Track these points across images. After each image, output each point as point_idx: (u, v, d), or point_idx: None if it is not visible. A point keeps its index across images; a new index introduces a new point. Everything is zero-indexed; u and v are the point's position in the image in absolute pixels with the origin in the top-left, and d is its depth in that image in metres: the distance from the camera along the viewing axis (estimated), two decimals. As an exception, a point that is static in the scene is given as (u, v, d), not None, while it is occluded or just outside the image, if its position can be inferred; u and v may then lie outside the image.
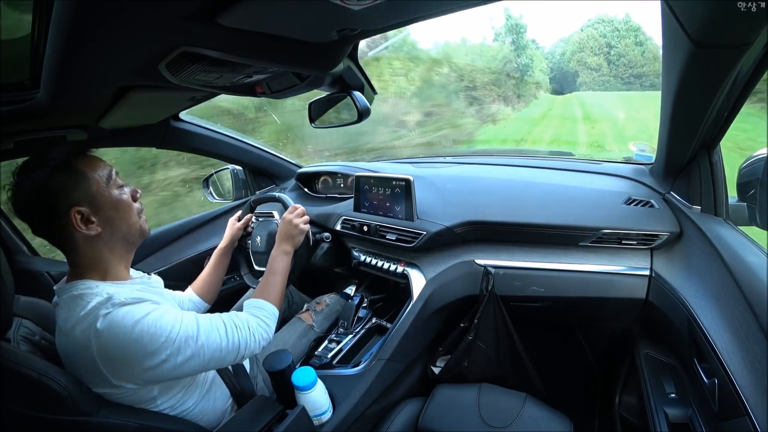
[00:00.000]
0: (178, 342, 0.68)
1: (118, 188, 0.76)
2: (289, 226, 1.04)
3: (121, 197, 0.76)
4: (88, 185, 0.71)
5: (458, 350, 1.12)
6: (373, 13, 0.58)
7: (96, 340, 0.63)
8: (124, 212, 0.76)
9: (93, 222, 0.71)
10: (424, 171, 1.42)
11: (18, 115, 0.82)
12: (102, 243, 0.73)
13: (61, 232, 0.70)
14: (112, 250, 0.75)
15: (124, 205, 0.76)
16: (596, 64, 17.71)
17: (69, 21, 0.49)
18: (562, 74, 18.10)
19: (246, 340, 0.78)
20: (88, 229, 0.70)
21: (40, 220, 0.70)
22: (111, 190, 0.74)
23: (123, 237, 0.76)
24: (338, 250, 1.45)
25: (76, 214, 0.69)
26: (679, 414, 0.80)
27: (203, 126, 1.51)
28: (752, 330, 0.61)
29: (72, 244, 0.71)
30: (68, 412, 0.61)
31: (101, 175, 0.73)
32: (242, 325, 0.79)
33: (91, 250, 0.72)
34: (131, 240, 0.79)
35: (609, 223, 0.99)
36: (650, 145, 1.25)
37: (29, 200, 0.68)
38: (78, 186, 0.70)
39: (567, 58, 18.63)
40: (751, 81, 0.66)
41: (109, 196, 0.74)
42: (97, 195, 0.72)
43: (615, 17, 18.68)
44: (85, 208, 0.70)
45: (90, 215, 0.70)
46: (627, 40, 18.21)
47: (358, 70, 0.96)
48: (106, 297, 0.66)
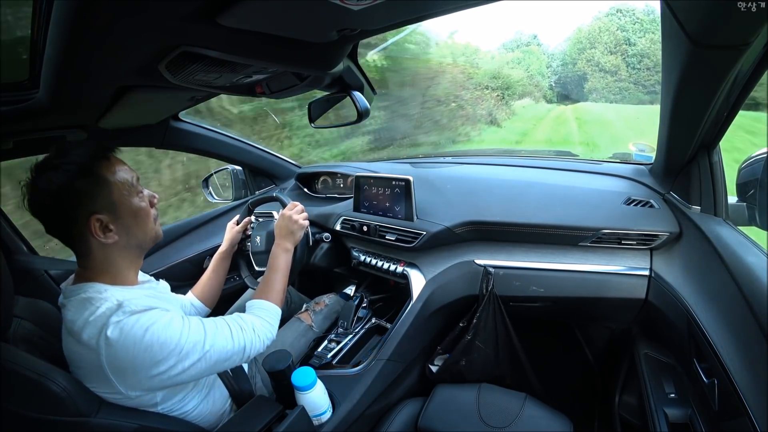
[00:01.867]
0: (186, 348, 0.68)
1: (138, 195, 0.75)
2: (288, 222, 1.04)
3: (140, 205, 0.74)
4: (109, 192, 0.69)
5: (457, 349, 1.13)
6: (373, 13, 0.58)
7: (106, 348, 0.63)
8: (142, 220, 0.75)
9: (111, 230, 0.69)
10: (423, 171, 1.42)
11: (18, 115, 0.82)
12: (117, 249, 0.72)
13: (78, 237, 0.69)
14: (125, 256, 0.74)
15: (143, 213, 0.75)
16: (612, 66, 13.40)
17: (69, 21, 0.49)
18: (564, 79, 14.42)
19: (251, 341, 0.78)
20: (106, 237, 0.69)
21: (57, 223, 0.68)
22: (132, 198, 0.73)
23: (138, 244, 0.76)
24: (338, 250, 1.45)
25: (96, 222, 0.67)
26: (679, 414, 0.80)
27: (203, 126, 1.51)
28: (752, 330, 0.61)
29: (86, 248, 0.70)
30: (67, 413, 0.61)
31: (123, 182, 0.72)
32: (247, 326, 0.79)
33: (105, 256, 0.71)
34: (144, 246, 0.78)
35: (609, 223, 0.99)
36: (650, 145, 1.25)
37: (47, 202, 0.66)
38: (100, 193, 0.68)
39: (572, 56, 14.53)
40: (750, 81, 0.66)
41: (130, 205, 0.72)
42: (118, 203, 0.70)
43: (635, 7, 14.23)
44: (105, 216, 0.68)
45: (109, 223, 0.69)
46: (652, 35, 13.48)
47: (358, 70, 0.96)
48: (117, 304, 0.65)
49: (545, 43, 16.35)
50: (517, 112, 10.53)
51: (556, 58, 15.57)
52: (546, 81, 14.48)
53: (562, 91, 14.46)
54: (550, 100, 13.35)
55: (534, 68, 14.38)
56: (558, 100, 13.55)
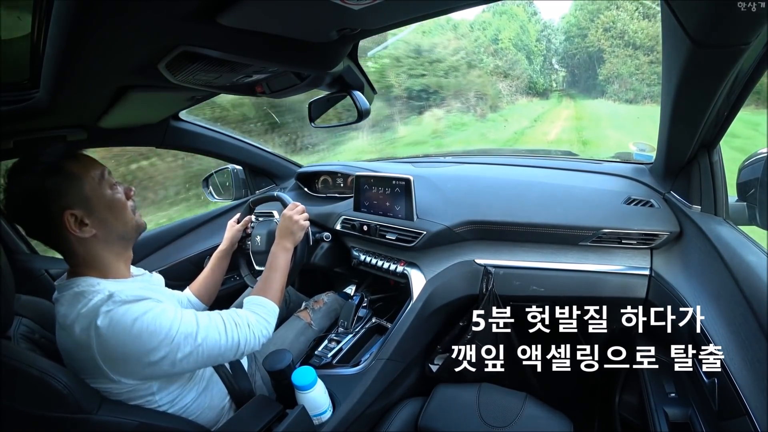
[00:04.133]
0: (177, 339, 0.68)
1: (111, 188, 0.75)
2: (289, 222, 1.04)
3: (114, 196, 0.75)
4: (80, 187, 0.70)
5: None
6: (373, 13, 0.58)
7: (97, 337, 0.63)
8: (118, 212, 0.75)
9: (87, 224, 0.70)
10: (424, 170, 1.42)
11: (18, 115, 0.82)
12: (98, 243, 0.73)
13: (56, 235, 0.70)
14: (109, 249, 0.75)
15: (118, 204, 0.76)
16: (647, 38, 7.35)
17: (69, 21, 0.49)
18: (568, 60, 8.94)
19: (246, 337, 0.78)
20: (83, 232, 0.70)
21: (34, 224, 0.70)
22: (104, 191, 0.74)
23: (119, 236, 0.76)
24: (338, 249, 1.45)
25: (70, 217, 0.68)
26: (679, 414, 0.81)
27: (203, 126, 1.51)
28: (752, 330, 0.61)
29: (67, 246, 0.71)
30: (69, 410, 0.61)
31: (93, 176, 0.73)
32: (242, 322, 0.79)
33: (87, 251, 0.72)
34: (128, 237, 0.78)
35: (609, 223, 0.99)
36: (650, 144, 1.25)
37: (21, 204, 0.68)
38: (70, 189, 0.69)
39: (579, 26, 8.70)
40: (751, 81, 0.66)
41: (103, 197, 0.73)
42: (91, 197, 0.71)
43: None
44: (79, 210, 0.69)
45: (84, 217, 0.70)
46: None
47: (358, 69, 0.95)
48: (108, 294, 0.66)
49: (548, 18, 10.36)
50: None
51: (555, 32, 10.02)
52: (535, 64, 9.03)
53: (565, 82, 9.34)
54: (541, 93, 8.64)
55: (509, 36, 8.44)
56: (556, 91, 8.48)
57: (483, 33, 8.71)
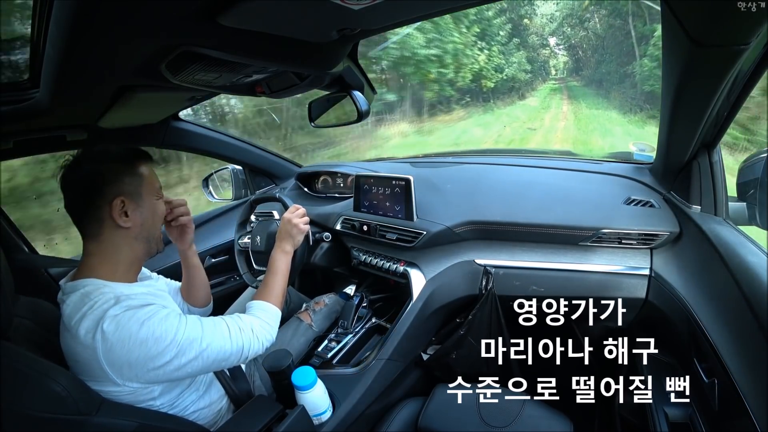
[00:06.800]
0: (183, 344, 0.69)
1: (158, 199, 0.83)
2: (289, 226, 1.04)
3: (160, 205, 0.83)
4: (139, 183, 0.77)
5: (449, 341, 1.13)
6: (373, 13, 0.58)
7: (102, 341, 0.64)
8: (158, 218, 0.82)
9: (128, 216, 0.74)
10: (423, 171, 1.42)
11: (18, 114, 0.83)
12: (127, 237, 0.76)
13: (96, 215, 0.72)
14: (132, 247, 0.77)
15: (159, 213, 0.82)
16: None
17: (69, 21, 0.49)
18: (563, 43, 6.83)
19: (250, 342, 0.79)
20: (123, 221, 0.73)
21: (82, 197, 0.73)
22: (154, 197, 0.81)
23: (146, 239, 0.79)
24: (338, 249, 1.45)
25: (120, 203, 0.73)
26: (679, 414, 0.81)
27: (203, 126, 1.51)
28: (752, 330, 0.61)
29: (99, 229, 0.73)
30: (68, 412, 0.61)
31: (152, 182, 0.80)
32: (246, 327, 0.80)
33: (113, 240, 0.74)
34: (152, 241, 0.81)
35: (609, 223, 0.99)
36: (650, 144, 1.25)
37: (82, 177, 0.72)
38: (132, 181, 0.76)
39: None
40: (751, 81, 0.66)
41: (152, 201, 0.80)
42: (143, 195, 0.77)
43: None
44: (129, 201, 0.74)
45: (129, 209, 0.74)
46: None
47: (358, 69, 0.96)
48: (114, 298, 0.67)
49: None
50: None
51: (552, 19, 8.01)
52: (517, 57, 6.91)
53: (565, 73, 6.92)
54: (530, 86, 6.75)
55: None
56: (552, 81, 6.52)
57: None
